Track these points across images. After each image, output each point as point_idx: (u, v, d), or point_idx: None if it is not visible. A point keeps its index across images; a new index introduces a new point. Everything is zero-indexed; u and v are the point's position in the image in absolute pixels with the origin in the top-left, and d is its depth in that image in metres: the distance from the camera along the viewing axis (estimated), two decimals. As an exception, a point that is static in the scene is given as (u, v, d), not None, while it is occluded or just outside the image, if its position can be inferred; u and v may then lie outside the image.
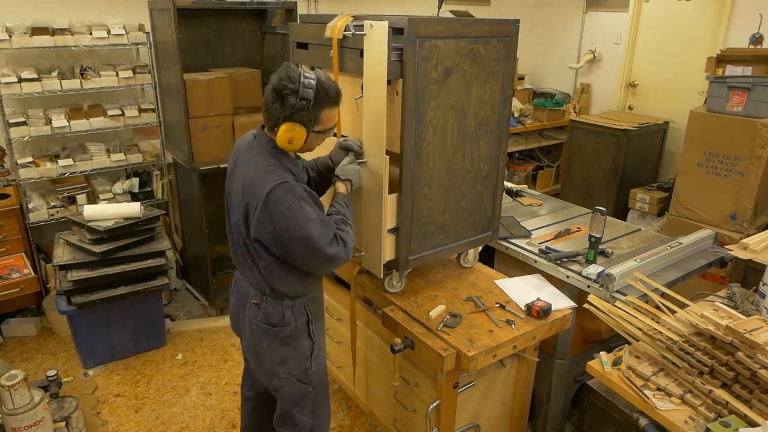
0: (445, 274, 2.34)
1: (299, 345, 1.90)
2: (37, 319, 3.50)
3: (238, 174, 1.79)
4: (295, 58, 2.30)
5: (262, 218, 1.69)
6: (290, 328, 1.87)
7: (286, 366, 1.91)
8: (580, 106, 5.43)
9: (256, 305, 1.88)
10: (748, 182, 3.44)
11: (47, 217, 3.44)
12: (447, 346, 1.84)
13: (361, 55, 1.89)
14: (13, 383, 2.16)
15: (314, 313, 1.94)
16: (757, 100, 3.35)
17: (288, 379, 1.92)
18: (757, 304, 2.01)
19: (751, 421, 1.48)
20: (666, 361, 1.71)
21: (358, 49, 1.90)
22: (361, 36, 1.84)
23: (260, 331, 1.88)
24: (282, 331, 1.87)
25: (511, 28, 2.01)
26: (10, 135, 3.25)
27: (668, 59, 4.74)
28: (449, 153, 2.01)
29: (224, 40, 3.79)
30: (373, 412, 2.49)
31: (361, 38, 1.85)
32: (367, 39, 1.83)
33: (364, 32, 1.83)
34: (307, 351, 1.92)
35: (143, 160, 3.72)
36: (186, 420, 2.78)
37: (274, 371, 1.92)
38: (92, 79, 3.40)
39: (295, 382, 1.93)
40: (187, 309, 3.79)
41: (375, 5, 4.64)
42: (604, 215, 2.25)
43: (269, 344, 1.89)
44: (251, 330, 1.91)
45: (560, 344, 2.35)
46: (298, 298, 1.88)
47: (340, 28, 1.95)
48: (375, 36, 1.80)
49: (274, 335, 1.87)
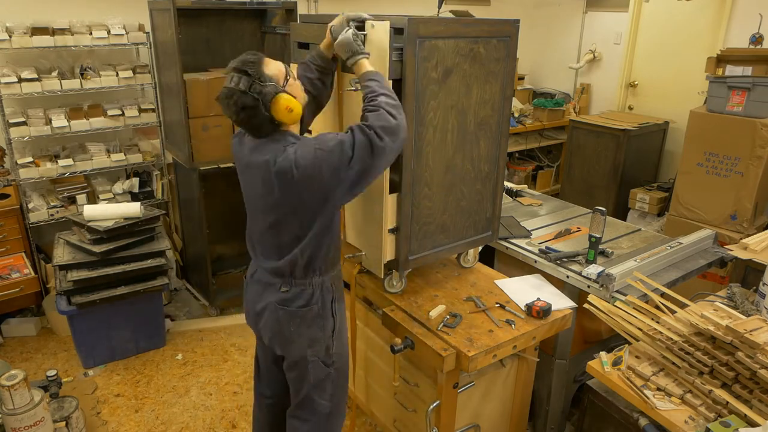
0: (445, 274, 2.34)
1: (325, 324, 1.88)
2: (37, 319, 3.49)
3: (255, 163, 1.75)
4: (296, 58, 2.30)
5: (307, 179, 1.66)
6: (317, 306, 1.85)
7: (313, 348, 1.88)
8: (580, 106, 5.43)
9: (282, 292, 1.85)
10: (748, 182, 3.44)
11: (47, 217, 3.44)
12: (447, 346, 1.84)
13: None
14: (13, 383, 2.16)
15: (338, 291, 1.94)
16: (757, 100, 3.35)
17: (315, 361, 1.90)
18: (757, 304, 2.01)
19: (751, 421, 1.48)
20: (666, 361, 1.71)
21: None
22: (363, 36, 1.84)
23: (287, 316, 1.85)
24: (310, 312, 1.85)
25: (511, 28, 2.01)
26: (10, 135, 3.25)
27: (668, 59, 4.74)
28: (449, 153, 2.02)
29: (224, 40, 3.79)
30: (373, 412, 2.49)
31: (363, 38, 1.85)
32: (368, 39, 1.84)
33: (365, 32, 1.83)
34: (329, 330, 1.90)
35: (143, 160, 3.72)
36: (186, 420, 2.78)
37: (304, 354, 1.88)
38: (92, 79, 3.40)
39: (320, 365, 1.91)
40: (187, 309, 3.79)
41: (375, 5, 4.64)
42: (604, 215, 2.25)
43: (297, 327, 1.86)
44: (277, 318, 1.86)
45: (560, 344, 2.35)
46: (326, 274, 1.86)
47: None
48: (376, 36, 1.80)
49: (301, 317, 1.85)
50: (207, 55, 3.76)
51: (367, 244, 2.12)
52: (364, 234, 2.12)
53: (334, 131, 2.09)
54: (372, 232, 2.06)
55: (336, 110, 2.10)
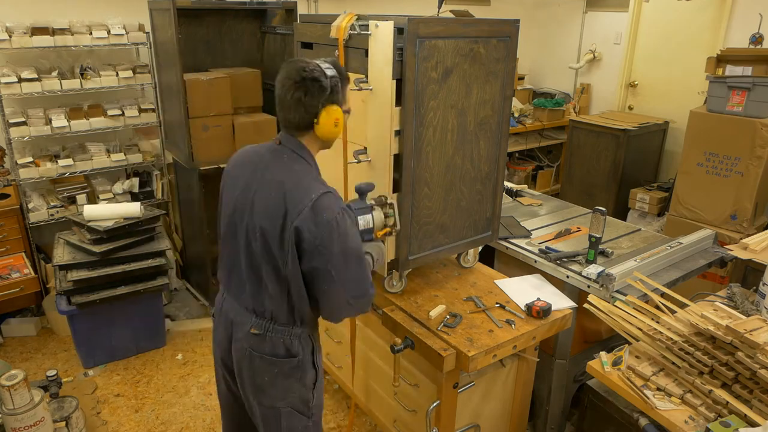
0: (445, 274, 2.34)
1: (304, 376, 1.73)
2: (37, 319, 3.49)
3: (268, 180, 1.60)
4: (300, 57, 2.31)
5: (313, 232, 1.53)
6: (298, 359, 1.70)
7: (287, 399, 1.73)
8: (580, 106, 5.43)
9: (256, 335, 1.66)
10: (748, 182, 3.44)
11: (47, 217, 3.44)
12: (447, 346, 1.84)
13: (366, 55, 1.90)
14: (13, 383, 2.16)
15: (317, 342, 1.79)
16: (757, 100, 3.35)
17: (289, 412, 1.75)
18: (757, 304, 2.01)
19: (751, 421, 1.48)
20: (666, 361, 1.71)
21: (363, 49, 1.91)
22: (367, 36, 1.85)
23: (264, 363, 1.68)
24: (288, 363, 1.69)
25: (511, 28, 2.01)
26: (10, 135, 3.24)
27: (668, 59, 4.74)
28: (449, 153, 2.02)
29: (224, 40, 3.79)
30: (373, 412, 2.49)
31: (367, 38, 1.86)
32: (372, 39, 1.84)
33: (369, 32, 1.84)
34: (310, 382, 1.76)
35: (143, 160, 3.72)
36: (186, 420, 2.78)
37: (275, 405, 1.74)
38: (92, 79, 3.40)
39: (296, 415, 1.76)
40: (187, 309, 3.79)
41: (375, 5, 4.65)
42: (604, 215, 2.25)
43: (272, 378, 1.70)
44: (251, 365, 1.69)
45: (560, 344, 2.35)
46: (306, 326, 1.70)
47: (345, 28, 1.95)
48: (380, 36, 1.80)
49: (279, 367, 1.69)
50: (207, 55, 3.76)
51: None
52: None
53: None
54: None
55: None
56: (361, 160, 1.99)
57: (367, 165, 2.01)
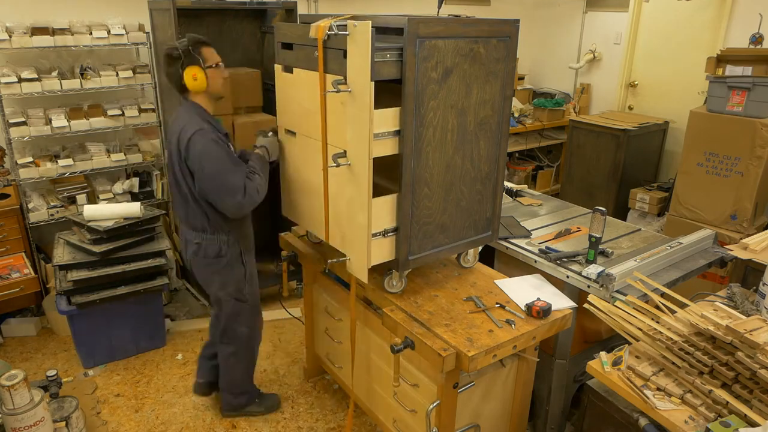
0: (445, 274, 2.34)
1: (234, 272, 2.41)
2: (37, 319, 3.50)
3: (171, 130, 2.26)
4: (280, 58, 2.30)
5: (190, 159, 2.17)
6: (226, 259, 2.37)
7: (226, 290, 2.42)
8: (580, 106, 5.43)
9: (197, 244, 2.35)
10: (748, 182, 3.44)
11: (47, 217, 3.44)
12: (447, 346, 1.84)
13: (344, 56, 1.86)
14: (13, 383, 2.16)
15: (246, 246, 2.44)
16: (757, 100, 3.36)
17: (228, 300, 2.45)
18: (757, 304, 2.01)
19: (751, 421, 1.48)
20: (666, 361, 1.71)
21: (341, 50, 1.87)
22: (345, 36, 1.82)
23: (203, 264, 2.40)
24: (219, 262, 2.37)
25: (511, 28, 2.00)
26: (10, 135, 3.25)
27: (668, 59, 4.74)
28: (449, 153, 2.01)
29: (224, 40, 3.78)
30: (373, 412, 2.49)
31: (345, 38, 1.82)
32: (350, 39, 1.81)
33: (347, 32, 1.80)
34: (241, 276, 2.44)
35: (143, 160, 3.72)
36: (186, 420, 2.78)
37: (217, 295, 2.43)
38: (92, 79, 3.40)
39: (234, 302, 2.46)
40: (187, 309, 3.79)
41: (375, 6, 4.65)
42: (604, 215, 2.25)
43: (210, 274, 2.41)
44: (197, 266, 2.42)
45: (560, 344, 2.35)
46: (231, 233, 2.35)
47: (324, 28, 1.90)
48: (358, 36, 1.77)
49: (213, 266, 2.38)
50: (207, 55, 3.75)
51: (351, 249, 2.10)
52: (348, 238, 2.10)
53: (318, 129, 2.09)
54: (357, 237, 2.04)
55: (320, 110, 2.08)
56: (340, 163, 1.96)
57: (346, 168, 1.98)
